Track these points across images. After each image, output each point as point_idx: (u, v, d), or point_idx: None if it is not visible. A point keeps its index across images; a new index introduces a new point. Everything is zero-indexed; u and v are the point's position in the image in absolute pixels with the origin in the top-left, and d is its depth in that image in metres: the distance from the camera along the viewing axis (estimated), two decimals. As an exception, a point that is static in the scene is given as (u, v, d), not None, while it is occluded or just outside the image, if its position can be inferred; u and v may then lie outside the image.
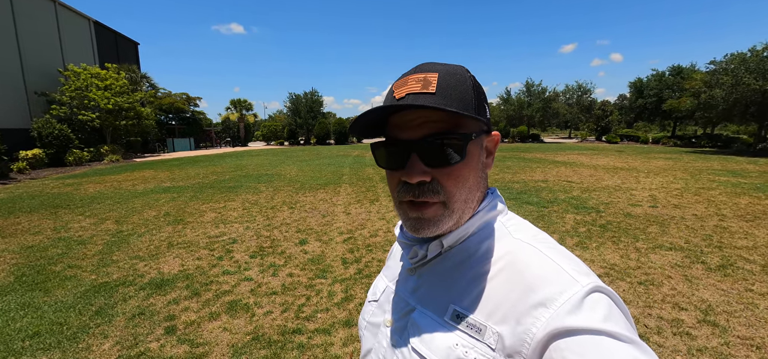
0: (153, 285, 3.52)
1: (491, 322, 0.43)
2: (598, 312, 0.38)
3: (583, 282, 0.41)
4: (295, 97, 36.93)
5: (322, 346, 2.47)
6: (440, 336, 0.46)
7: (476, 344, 0.43)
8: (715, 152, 20.29)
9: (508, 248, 0.47)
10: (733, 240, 4.66)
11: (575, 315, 0.38)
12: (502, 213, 0.53)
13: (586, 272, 0.43)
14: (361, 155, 19.43)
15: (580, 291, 0.40)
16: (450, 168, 0.46)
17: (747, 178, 10.15)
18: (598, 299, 0.40)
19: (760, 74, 17.07)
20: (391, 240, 4.77)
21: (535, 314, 0.40)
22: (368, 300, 0.64)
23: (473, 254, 0.49)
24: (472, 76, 0.50)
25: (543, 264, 0.44)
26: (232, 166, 14.92)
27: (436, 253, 0.51)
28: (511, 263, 0.46)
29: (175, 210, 6.78)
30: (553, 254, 0.45)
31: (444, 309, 0.48)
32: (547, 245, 0.47)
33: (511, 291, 0.43)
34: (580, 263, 0.45)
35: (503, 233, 0.50)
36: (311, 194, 8.27)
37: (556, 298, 0.40)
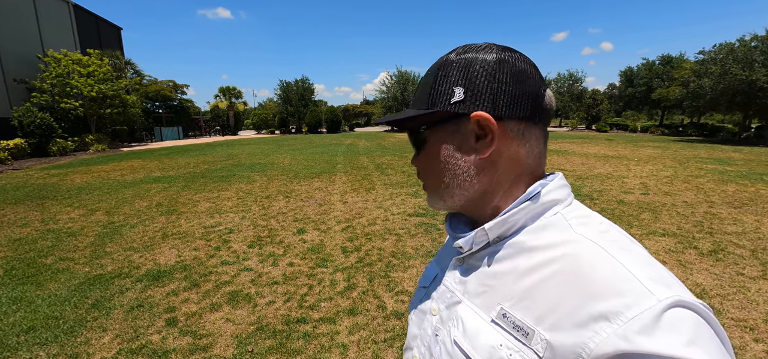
0: (150, 276, 3.45)
1: (541, 327, 0.39)
2: (681, 335, 0.32)
3: (662, 294, 0.34)
4: (285, 84, 36.34)
5: (328, 335, 2.46)
6: (484, 333, 0.43)
7: (522, 348, 0.40)
8: (701, 141, 20.76)
9: (568, 245, 0.42)
10: (722, 226, 4.79)
11: (648, 337, 0.32)
12: (562, 203, 0.47)
13: (667, 281, 0.36)
14: (353, 144, 19.32)
15: (656, 306, 0.33)
16: (419, 156, 0.53)
17: (733, 166, 10.41)
18: (681, 316, 0.33)
19: (747, 64, 17.41)
20: (390, 229, 4.77)
21: (594, 327, 0.35)
22: (419, 285, 0.63)
23: (526, 250, 0.44)
24: (444, 64, 0.48)
25: (609, 268, 0.37)
26: (224, 155, 14.68)
27: (483, 244, 0.48)
28: (569, 264, 0.40)
29: (167, 201, 6.65)
30: (624, 256, 0.38)
31: (490, 306, 0.45)
32: (617, 245, 0.40)
33: (567, 296, 0.38)
34: (660, 269, 0.37)
35: (563, 226, 0.44)
36: (306, 183, 8.20)
37: (622, 312, 0.34)
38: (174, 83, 30.53)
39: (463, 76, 0.46)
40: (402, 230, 4.71)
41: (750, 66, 17.26)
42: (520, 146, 0.46)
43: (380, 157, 13.20)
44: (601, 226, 0.44)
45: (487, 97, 0.45)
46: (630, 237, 0.43)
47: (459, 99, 0.46)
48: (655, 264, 0.38)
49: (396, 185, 7.79)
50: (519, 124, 0.46)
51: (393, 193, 6.98)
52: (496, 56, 0.45)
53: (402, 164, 11.24)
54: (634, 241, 0.43)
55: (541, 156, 0.49)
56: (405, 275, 3.38)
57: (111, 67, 20.13)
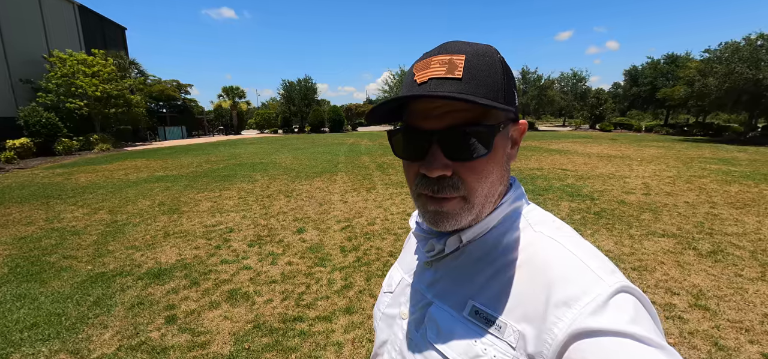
0: (151, 274, 3.50)
1: (511, 320, 0.41)
2: (624, 314, 0.36)
3: (609, 281, 0.38)
4: (288, 84, 36.44)
5: (324, 333, 2.49)
6: (459, 331, 0.44)
7: (496, 341, 0.41)
8: (706, 141, 20.58)
9: (530, 243, 0.45)
10: (723, 227, 4.76)
11: (599, 316, 0.36)
12: (523, 205, 0.50)
13: (612, 270, 0.40)
14: (356, 143, 19.35)
15: (605, 291, 0.37)
16: (473, 162, 0.42)
17: (737, 166, 10.33)
18: (624, 299, 0.37)
19: (753, 63, 17.24)
20: (389, 228, 4.80)
21: (557, 314, 0.38)
22: (383, 290, 0.62)
23: (493, 249, 0.47)
24: (502, 58, 0.45)
25: (566, 261, 0.41)
26: (226, 155, 14.77)
27: (455, 248, 0.48)
28: (532, 259, 0.43)
29: (169, 200, 6.72)
30: (578, 250, 0.42)
31: (462, 305, 0.46)
32: (571, 240, 0.44)
33: (533, 289, 0.41)
34: (605, 260, 0.42)
35: (524, 226, 0.47)
36: (307, 182, 8.24)
37: (579, 297, 0.38)
38: (178, 83, 30.77)
39: (511, 80, 0.46)
40: (401, 230, 4.73)
41: (756, 65, 17.08)
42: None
43: (381, 156, 13.23)
44: (554, 223, 0.48)
45: (516, 100, 0.47)
46: (579, 235, 0.47)
47: (517, 103, 0.47)
48: (602, 256, 0.43)
49: (397, 184, 7.82)
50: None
51: (393, 193, 7.00)
52: (501, 57, 0.46)
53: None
54: (582, 238, 0.46)
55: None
56: (402, 274, 3.41)
57: (115, 67, 20.31)
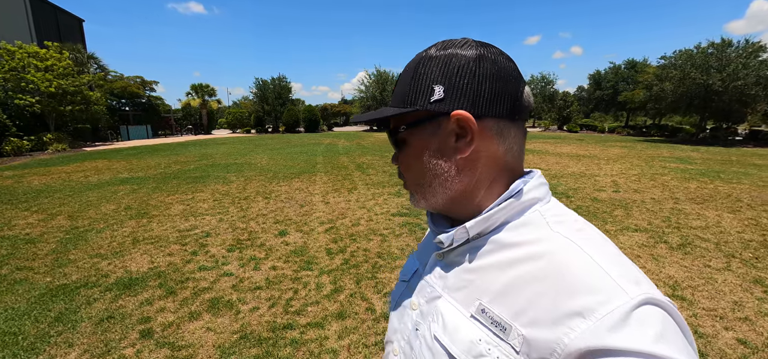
0: (120, 285, 3.23)
1: (517, 323, 0.40)
2: (649, 331, 0.33)
3: (632, 292, 0.35)
4: (262, 83, 35.42)
5: (317, 341, 2.38)
6: (464, 328, 0.44)
7: (500, 343, 0.40)
8: (663, 141, 22.05)
9: (545, 244, 0.42)
10: (688, 221, 5.08)
11: (619, 333, 0.33)
12: (541, 201, 0.47)
13: (637, 279, 0.37)
14: (333, 144, 19.10)
15: (626, 304, 0.34)
16: (400, 156, 0.52)
17: (693, 164, 11.11)
18: (649, 313, 0.34)
19: (704, 70, 18.65)
20: (374, 229, 4.72)
21: (569, 324, 0.36)
22: (400, 279, 0.63)
23: (505, 247, 0.45)
24: (423, 60, 0.46)
25: (583, 267, 0.38)
26: (197, 155, 14.10)
27: (463, 241, 0.48)
28: (546, 261, 0.41)
29: (137, 203, 6.29)
30: (597, 254, 0.39)
31: (470, 302, 0.45)
32: (592, 243, 0.41)
33: (544, 293, 0.39)
34: (630, 267, 0.39)
35: (541, 224, 0.45)
36: (286, 183, 8.00)
37: (595, 309, 0.35)
38: (142, 80, 28.97)
39: (443, 74, 0.45)
40: (386, 231, 4.67)
41: (706, 71, 18.52)
42: (499, 144, 0.46)
43: (360, 156, 13.12)
44: (576, 224, 0.45)
45: (466, 95, 0.44)
46: (603, 235, 0.44)
47: (439, 97, 0.44)
48: (626, 262, 0.40)
49: (378, 184, 7.75)
50: (498, 122, 0.45)
51: (375, 193, 6.93)
52: (475, 53, 0.44)
53: (383, 163, 11.21)
54: (607, 239, 0.43)
55: (521, 154, 0.49)
56: (392, 275, 3.35)
57: (72, 62, 18.85)
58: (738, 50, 18.67)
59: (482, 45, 0.46)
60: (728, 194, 6.83)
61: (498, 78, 0.44)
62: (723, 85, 17.84)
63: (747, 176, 8.81)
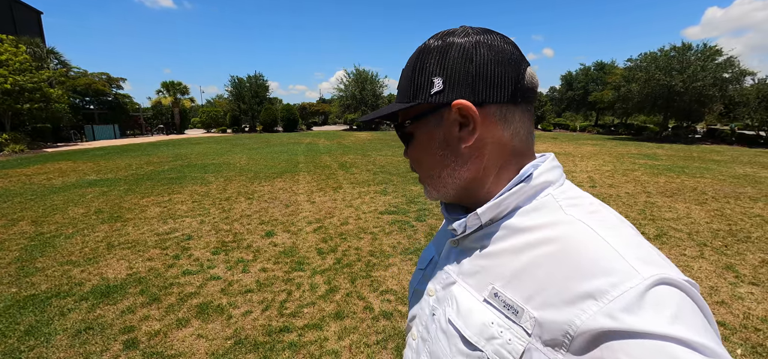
0: (97, 293, 3.02)
1: (529, 306, 0.40)
2: (665, 311, 0.32)
3: (646, 272, 0.34)
4: (237, 81, 34.38)
5: (317, 342, 2.31)
6: (477, 312, 0.44)
7: (512, 325, 0.41)
8: (630, 139, 23.23)
9: (557, 227, 0.42)
10: (661, 213, 5.35)
11: (633, 314, 0.32)
12: (554, 184, 0.47)
13: (652, 259, 0.36)
14: (313, 143, 18.84)
15: (640, 284, 0.33)
16: (408, 150, 0.53)
17: (659, 160, 11.76)
18: (665, 293, 0.33)
19: (667, 72, 19.78)
20: (363, 228, 4.67)
21: (581, 305, 0.35)
22: (417, 267, 0.64)
23: (517, 231, 0.45)
24: (422, 53, 0.47)
25: (596, 248, 0.38)
26: (170, 155, 13.50)
27: (476, 227, 0.48)
28: (558, 244, 0.40)
29: (108, 206, 5.93)
30: (611, 235, 0.38)
31: (483, 286, 0.45)
32: (605, 225, 0.40)
33: (555, 276, 0.39)
34: (646, 247, 0.38)
35: (553, 207, 0.44)
36: (268, 183, 7.79)
37: (608, 290, 0.34)
38: (108, 76, 27.28)
39: (441, 65, 0.45)
40: (376, 229, 4.64)
41: (669, 73, 19.66)
42: (503, 129, 0.45)
43: (342, 156, 13.00)
44: (591, 206, 0.44)
45: (465, 83, 0.44)
46: (620, 217, 0.43)
47: (439, 89, 0.45)
48: (642, 243, 0.38)
49: (363, 183, 7.70)
50: (501, 107, 0.45)
51: (361, 191, 6.87)
52: (472, 40, 0.44)
53: (366, 162, 11.16)
54: (624, 221, 0.42)
55: (529, 136, 0.48)
56: (387, 273, 3.32)
57: (29, 57, 17.56)
58: (697, 53, 19.96)
59: (481, 31, 0.45)
60: (694, 187, 7.26)
61: (497, 62, 0.43)
62: (684, 86, 19.03)
63: (708, 171, 9.42)
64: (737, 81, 19.91)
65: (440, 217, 5.11)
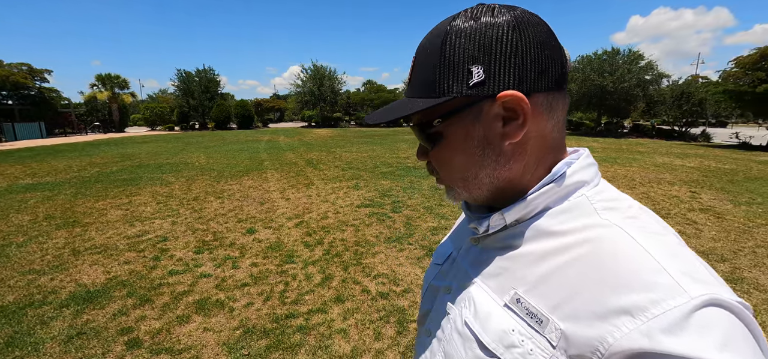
0: (78, 299, 2.89)
1: (556, 316, 0.36)
2: (712, 337, 0.28)
3: (694, 291, 0.31)
4: (185, 75, 32.10)
5: (324, 324, 2.49)
6: (496, 317, 0.41)
7: (535, 335, 0.37)
8: (569, 134, 25.59)
9: (591, 231, 0.38)
10: (601, 198, 6.17)
11: (675, 337, 0.29)
12: (588, 184, 0.43)
13: (702, 276, 0.32)
14: (273, 140, 18.35)
15: (686, 304, 0.30)
16: (433, 152, 0.46)
17: (596, 152, 13.22)
18: (713, 316, 0.30)
19: (600, 73, 22.12)
20: (344, 221, 4.85)
21: (615, 321, 0.32)
22: (433, 261, 0.61)
23: (545, 234, 0.41)
24: (449, 37, 0.40)
25: (636, 258, 0.34)
26: (116, 155, 12.44)
27: (500, 227, 0.45)
28: (591, 251, 0.37)
29: (59, 211, 5.46)
30: (653, 245, 0.35)
31: (504, 290, 0.42)
32: (646, 232, 0.37)
33: (587, 285, 0.35)
34: (694, 262, 0.34)
35: (587, 210, 0.40)
36: (235, 182, 7.60)
37: (647, 307, 0.31)
38: (30, 68, 24.03)
39: (479, 50, 0.38)
40: (356, 221, 4.83)
41: (601, 74, 22.01)
42: (548, 120, 0.41)
43: (307, 153, 12.90)
44: (630, 210, 0.40)
45: (511, 71, 0.38)
46: (664, 224, 0.39)
47: (479, 80, 0.39)
48: (688, 255, 0.35)
49: (334, 179, 7.81)
50: (547, 96, 0.40)
51: (334, 187, 7.00)
52: (511, 19, 0.38)
53: (332, 159, 11.22)
54: (668, 228, 0.39)
55: (564, 127, 0.44)
56: (375, 260, 3.55)
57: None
58: (624, 57, 22.60)
59: (515, 8, 0.40)
60: (625, 175, 8.38)
61: (543, 45, 0.39)
62: (613, 86, 21.48)
63: (635, 161, 10.84)
64: (656, 82, 22.91)
65: (418, 212, 5.44)
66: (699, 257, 0.35)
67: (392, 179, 7.69)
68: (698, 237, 4.21)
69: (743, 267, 3.38)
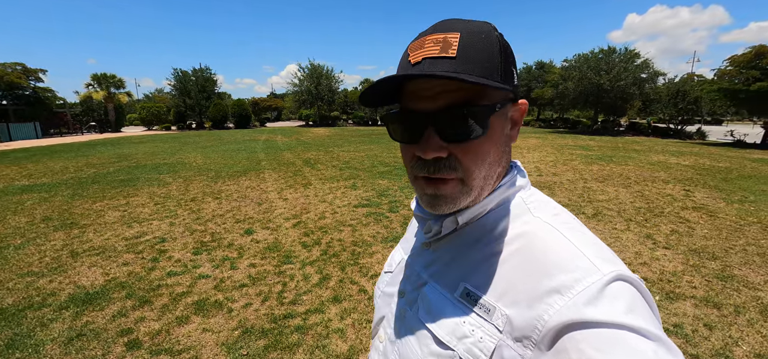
0: (78, 301, 2.91)
1: (501, 304, 0.41)
2: (620, 304, 0.35)
3: (605, 269, 0.37)
4: (181, 74, 31.99)
5: (322, 323, 2.52)
6: (449, 311, 0.45)
7: (484, 324, 0.41)
8: (567, 132, 25.69)
9: (526, 227, 0.44)
10: (596, 196, 6.23)
11: (593, 307, 0.35)
12: (524, 188, 0.49)
13: (610, 258, 0.40)
14: (270, 140, 18.34)
15: (600, 280, 0.37)
16: (469, 143, 0.42)
17: (592, 151, 13.31)
18: (620, 288, 0.36)
19: (596, 71, 22.25)
20: (342, 221, 4.88)
21: (548, 301, 0.38)
22: (384, 270, 0.65)
23: (489, 232, 0.46)
24: (501, 35, 0.44)
25: (561, 247, 0.41)
26: (112, 156, 12.40)
27: (451, 229, 0.49)
28: (527, 244, 0.43)
29: (56, 213, 5.46)
30: (574, 236, 0.42)
31: (455, 286, 0.46)
32: (568, 227, 0.43)
33: (525, 274, 0.41)
34: (603, 248, 0.41)
35: (523, 210, 0.46)
36: (232, 182, 7.62)
37: (572, 286, 0.37)
38: (24, 68, 23.85)
39: (512, 57, 0.45)
40: (354, 221, 4.87)
41: (598, 73, 22.16)
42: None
43: (304, 152, 12.91)
44: (554, 209, 0.47)
45: (516, 79, 0.45)
46: (578, 220, 0.46)
47: (517, 83, 0.46)
48: (599, 243, 0.42)
49: (331, 179, 7.84)
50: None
51: (332, 187, 7.03)
52: (501, 36, 0.45)
53: (329, 158, 11.24)
54: (582, 224, 0.46)
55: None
56: (372, 259, 3.59)
57: None
58: (620, 56, 22.75)
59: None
60: (620, 173, 8.45)
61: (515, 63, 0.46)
62: (610, 84, 21.65)
63: (631, 159, 10.93)
64: (652, 80, 23.09)
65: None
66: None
67: (389, 179, 7.73)
68: (690, 235, 4.28)
69: (734, 265, 3.45)
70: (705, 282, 3.11)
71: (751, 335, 2.42)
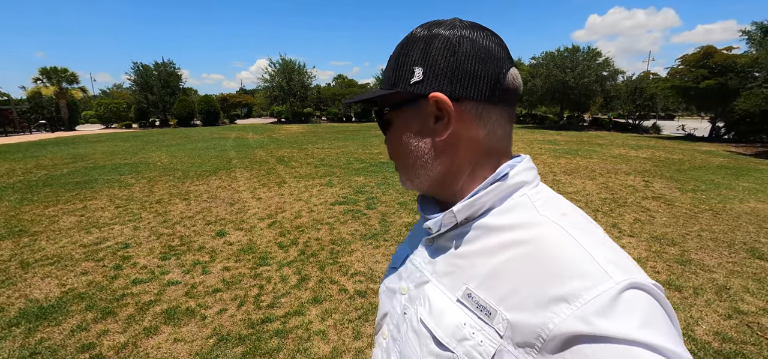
0: (30, 316, 2.66)
1: (502, 307, 0.40)
2: (635, 316, 0.33)
3: (618, 276, 0.35)
4: (142, 68, 30.14)
5: (302, 326, 2.45)
6: (449, 312, 0.44)
7: (484, 327, 0.40)
8: (535, 127, 26.70)
9: (532, 227, 0.42)
10: (565, 188, 6.50)
11: (605, 318, 0.33)
12: (529, 184, 0.47)
13: (624, 264, 0.37)
14: (241, 137, 17.70)
15: (612, 289, 0.34)
16: (386, 138, 0.53)
17: (559, 145, 13.89)
18: (635, 298, 0.34)
19: (562, 69, 23.22)
20: (319, 220, 4.78)
21: (553, 308, 0.36)
22: (390, 265, 0.64)
23: (491, 231, 0.45)
24: (407, 41, 0.47)
25: (569, 250, 0.38)
26: (66, 156, 11.49)
27: (451, 225, 0.48)
28: (532, 245, 0.41)
29: (2, 220, 4.97)
30: (584, 238, 0.39)
31: (456, 286, 0.45)
32: (578, 227, 0.41)
33: (529, 277, 0.39)
34: (617, 251, 0.39)
35: (529, 208, 0.44)
36: (202, 182, 7.28)
37: (581, 294, 0.35)
38: (-42, 60, 21.61)
39: (423, 55, 0.45)
40: (331, 219, 4.79)
41: (564, 70, 23.13)
42: (479, 127, 0.45)
43: (277, 150, 12.57)
44: (563, 208, 0.45)
45: (445, 77, 0.44)
46: (590, 219, 0.44)
47: (418, 79, 0.45)
48: (612, 246, 0.39)
49: (306, 176, 7.68)
50: (477, 105, 0.44)
51: (307, 185, 6.88)
52: (458, 33, 0.44)
53: (304, 155, 11.01)
54: (593, 222, 0.44)
55: (506, 137, 0.48)
56: (352, 258, 3.54)
57: None
58: (584, 54, 23.85)
59: (469, 26, 0.45)
60: (586, 166, 8.88)
61: (478, 59, 0.43)
62: (575, 81, 22.66)
63: (595, 153, 11.51)
64: (613, 78, 24.41)
65: (392, 208, 5.47)
66: (622, 248, 0.41)
67: (366, 176, 7.67)
68: (651, 223, 4.56)
69: (691, 250, 3.70)
70: (667, 267, 3.31)
71: (709, 314, 2.60)
